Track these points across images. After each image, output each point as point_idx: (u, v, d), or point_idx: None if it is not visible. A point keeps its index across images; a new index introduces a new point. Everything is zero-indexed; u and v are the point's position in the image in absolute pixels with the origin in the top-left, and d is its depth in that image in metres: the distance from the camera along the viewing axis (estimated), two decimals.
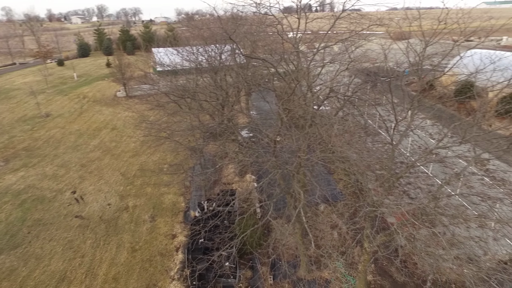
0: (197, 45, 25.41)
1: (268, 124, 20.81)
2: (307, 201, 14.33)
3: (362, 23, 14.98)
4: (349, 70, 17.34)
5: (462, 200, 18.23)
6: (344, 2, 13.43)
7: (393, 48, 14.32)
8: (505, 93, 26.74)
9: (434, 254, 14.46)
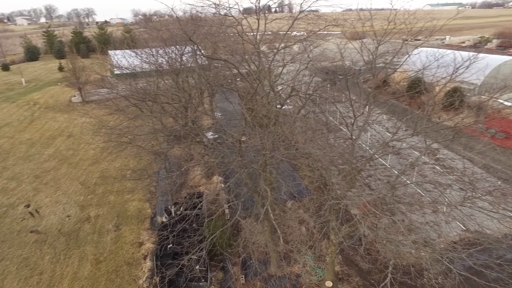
0: (156, 46, 24.80)
1: (233, 124, 20.86)
2: (274, 199, 14.56)
3: (319, 24, 15.53)
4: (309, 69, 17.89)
5: (417, 188, 19.54)
6: (301, 4, 13.87)
7: (349, 47, 15.02)
8: (449, 88, 29.00)
9: (394, 240, 15.34)
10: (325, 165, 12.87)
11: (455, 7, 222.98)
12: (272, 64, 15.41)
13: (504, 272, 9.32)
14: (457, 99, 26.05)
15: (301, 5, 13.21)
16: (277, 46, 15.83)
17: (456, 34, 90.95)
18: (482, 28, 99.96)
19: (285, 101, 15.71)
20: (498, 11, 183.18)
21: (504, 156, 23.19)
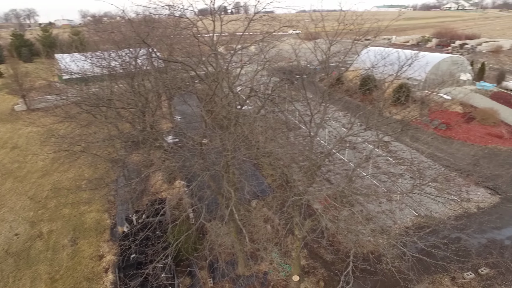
0: (108, 49, 23.70)
1: (193, 127, 20.57)
2: (238, 199, 14.63)
3: (274, 25, 15.86)
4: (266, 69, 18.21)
5: (372, 180, 20.69)
6: (255, 5, 14.07)
7: (303, 47, 15.55)
8: (396, 84, 31.10)
9: (354, 230, 16.12)
10: (287, 163, 13.21)
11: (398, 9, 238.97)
12: (230, 66, 15.46)
13: (449, 250, 10.22)
14: (403, 94, 28.00)
15: (255, 7, 13.42)
16: (234, 47, 15.93)
17: (401, 34, 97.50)
18: (423, 28, 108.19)
19: (244, 101, 15.83)
20: (436, 13, 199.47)
21: (446, 145, 25.37)
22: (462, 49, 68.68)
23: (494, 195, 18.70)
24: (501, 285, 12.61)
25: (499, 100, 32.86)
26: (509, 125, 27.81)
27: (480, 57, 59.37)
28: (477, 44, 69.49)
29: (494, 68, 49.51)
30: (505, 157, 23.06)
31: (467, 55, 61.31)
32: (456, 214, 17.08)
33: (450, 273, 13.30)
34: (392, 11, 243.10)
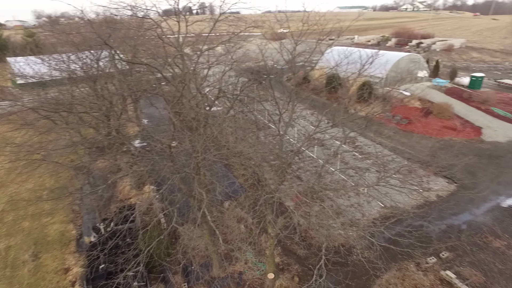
0: (67, 52, 22.55)
1: (161, 130, 20.11)
2: (210, 201, 14.54)
3: (240, 25, 15.92)
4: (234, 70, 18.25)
5: (341, 175, 21.39)
6: (220, 6, 14.05)
7: (269, 47, 15.75)
8: (360, 82, 32.35)
9: (325, 225, 16.57)
10: (257, 162, 13.32)
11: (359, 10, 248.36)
12: (197, 67, 15.31)
13: (413, 238, 10.82)
14: (367, 91, 29.20)
15: (220, 7, 13.40)
16: (201, 48, 15.80)
17: (363, 33, 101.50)
18: (382, 28, 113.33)
19: (213, 102, 15.76)
20: (393, 14, 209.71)
21: (407, 138, 26.79)
22: (418, 48, 72.77)
23: (451, 183, 20.04)
24: (459, 267, 13.56)
25: (453, 95, 35.25)
26: (462, 118, 29.91)
27: (434, 55, 63.27)
28: (432, 43, 73.97)
29: (447, 65, 52.99)
30: (459, 147, 24.76)
31: (423, 54, 65.08)
32: (418, 203, 18.07)
33: (415, 259, 14.08)
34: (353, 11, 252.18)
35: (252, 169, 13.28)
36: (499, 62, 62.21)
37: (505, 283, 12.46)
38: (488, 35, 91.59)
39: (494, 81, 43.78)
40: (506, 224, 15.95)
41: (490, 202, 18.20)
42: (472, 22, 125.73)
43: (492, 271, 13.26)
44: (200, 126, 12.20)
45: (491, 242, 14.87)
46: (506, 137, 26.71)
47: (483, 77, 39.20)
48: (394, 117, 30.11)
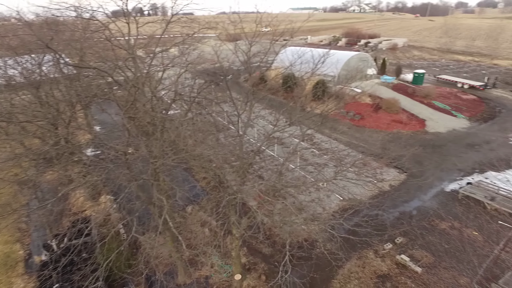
0: (3, 56, 20.64)
1: (115, 136, 19.18)
2: (172, 206, 14.19)
3: (193, 27, 15.69)
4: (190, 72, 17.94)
5: (301, 172, 21.94)
6: (172, 7, 13.73)
7: (224, 49, 15.71)
8: (314, 81, 33.46)
9: (289, 221, 16.91)
10: (218, 164, 13.24)
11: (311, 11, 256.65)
12: (150, 69, 14.84)
13: (370, 227, 11.44)
14: (321, 89, 30.32)
15: (172, 8, 13.11)
16: (154, 50, 15.33)
17: (315, 34, 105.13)
18: (333, 28, 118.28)
19: (169, 106, 15.39)
20: (343, 15, 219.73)
21: (360, 133, 28.25)
22: (366, 47, 77.02)
23: (401, 173, 21.50)
24: (412, 250, 14.62)
25: (399, 90, 37.83)
26: (408, 111, 32.23)
27: (381, 53, 67.38)
28: (378, 43, 78.72)
29: (393, 63, 56.75)
30: (406, 139, 26.65)
31: (371, 52, 68.99)
32: (373, 194, 19.14)
33: (373, 246, 14.90)
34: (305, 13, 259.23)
35: (213, 172, 13.18)
36: (437, 59, 67.98)
37: (450, 260, 13.66)
38: (426, 35, 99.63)
39: (433, 76, 47.73)
40: (449, 207, 17.49)
41: (435, 188, 19.83)
42: (412, 23, 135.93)
43: (439, 251, 14.46)
44: (157, 131, 11.85)
45: (438, 225, 16.21)
46: (446, 128, 29.27)
47: (424, 73, 42.55)
48: (347, 113, 31.60)
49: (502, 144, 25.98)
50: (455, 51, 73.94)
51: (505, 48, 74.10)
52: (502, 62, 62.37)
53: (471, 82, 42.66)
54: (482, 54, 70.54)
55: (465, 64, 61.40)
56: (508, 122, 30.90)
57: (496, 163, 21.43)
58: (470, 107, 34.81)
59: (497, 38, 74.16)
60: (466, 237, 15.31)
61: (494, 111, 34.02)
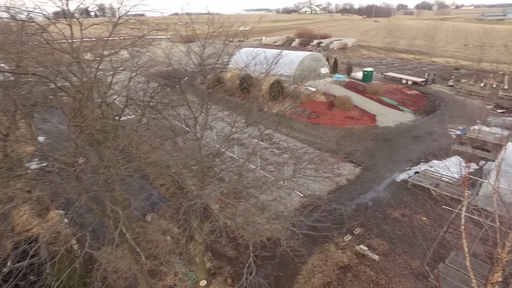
0: None
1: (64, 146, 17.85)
2: (128, 217, 13.56)
3: (143, 29, 15.12)
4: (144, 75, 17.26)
5: (262, 171, 22.10)
6: (119, 8, 13.10)
7: (177, 51, 15.33)
8: (270, 81, 33.97)
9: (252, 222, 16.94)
10: (177, 169, 12.89)
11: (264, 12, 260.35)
12: (98, 74, 14.03)
13: (329, 221, 11.83)
14: (277, 89, 30.86)
15: (118, 10, 12.49)
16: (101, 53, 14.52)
17: (270, 35, 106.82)
18: (287, 29, 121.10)
19: (122, 111, 14.69)
20: (295, 16, 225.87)
21: (316, 130, 29.21)
22: (319, 47, 79.91)
23: (356, 167, 22.55)
24: (369, 239, 15.40)
25: (351, 88, 39.71)
26: (359, 108, 33.95)
27: (333, 53, 70.30)
28: (330, 43, 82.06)
29: (344, 62, 59.49)
30: (359, 134, 28.07)
31: (323, 52, 71.67)
32: (331, 189, 19.85)
33: (333, 239, 15.44)
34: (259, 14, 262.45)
35: (172, 177, 12.81)
36: (383, 58, 72.51)
37: (403, 246, 14.61)
38: (373, 35, 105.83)
39: (381, 74, 50.81)
40: (400, 196, 18.72)
41: (387, 179, 21.09)
42: (359, 23, 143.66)
43: (394, 238, 15.39)
44: (109, 138, 11.21)
45: (391, 214, 17.26)
46: (394, 122, 31.31)
47: (372, 71, 45.14)
48: (304, 112, 32.49)
49: (442, 134, 28.38)
50: (398, 49, 79.41)
51: (440, 47, 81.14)
52: (439, 60, 68.23)
53: (414, 78, 46.08)
54: (422, 52, 76.56)
55: (408, 62, 66.19)
56: (446, 115, 33.84)
57: (438, 153, 23.35)
58: (414, 101, 37.57)
59: (433, 38, 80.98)
60: (416, 223, 16.46)
61: (435, 105, 37.07)
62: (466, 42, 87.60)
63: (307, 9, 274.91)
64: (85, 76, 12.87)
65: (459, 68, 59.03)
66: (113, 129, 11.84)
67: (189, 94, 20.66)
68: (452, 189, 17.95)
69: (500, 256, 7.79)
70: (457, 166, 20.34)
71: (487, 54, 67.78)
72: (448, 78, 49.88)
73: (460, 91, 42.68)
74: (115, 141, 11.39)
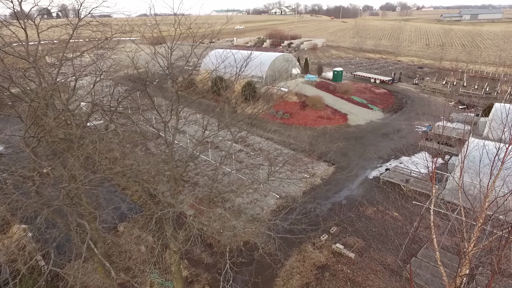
0: None
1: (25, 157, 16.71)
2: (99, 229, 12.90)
3: (106, 31, 14.47)
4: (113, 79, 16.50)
5: (238, 174, 21.91)
6: (78, 10, 12.41)
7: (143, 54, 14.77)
8: (243, 83, 33.82)
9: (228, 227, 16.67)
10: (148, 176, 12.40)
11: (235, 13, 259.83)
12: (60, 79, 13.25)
13: (306, 223, 11.83)
14: (250, 91, 30.75)
15: (78, 12, 11.82)
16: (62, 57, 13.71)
17: (241, 36, 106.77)
18: (258, 30, 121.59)
19: (87, 118, 13.97)
20: (265, 17, 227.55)
21: (290, 131, 29.33)
22: (290, 48, 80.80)
23: (330, 166, 22.89)
24: (345, 238, 15.61)
25: (322, 88, 40.38)
26: (331, 107, 34.58)
27: (303, 53, 71.36)
28: (300, 43, 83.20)
29: (315, 62, 60.53)
30: (331, 133, 28.56)
31: (294, 53, 72.58)
32: (307, 189, 19.99)
33: (311, 240, 15.49)
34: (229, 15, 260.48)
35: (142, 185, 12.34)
36: (352, 57, 74.56)
37: (378, 243, 14.94)
38: (341, 35, 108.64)
39: (351, 73, 52.16)
40: (373, 193, 19.18)
41: (360, 176, 21.57)
42: (328, 24, 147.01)
43: (368, 235, 15.72)
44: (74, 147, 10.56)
45: (365, 211, 17.63)
46: (365, 120, 32.18)
47: (342, 71, 46.21)
48: (277, 113, 32.61)
49: (410, 131, 29.52)
50: (366, 49, 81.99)
51: (405, 47, 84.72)
52: (404, 59, 71.17)
53: (382, 77, 47.69)
54: (388, 52, 79.53)
55: (375, 61, 68.48)
56: (412, 112, 35.27)
57: (406, 149, 24.23)
58: (383, 100, 38.85)
59: (398, 38, 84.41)
60: (388, 219, 16.90)
61: (402, 102, 38.53)
62: (427, 42, 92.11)
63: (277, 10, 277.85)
64: (44, 82, 12.08)
65: (422, 67, 61.86)
66: (77, 137, 11.19)
67: (160, 97, 20.08)
68: (421, 184, 18.63)
69: (467, 250, 8.09)
70: (425, 161, 21.25)
71: (447, 53, 71.58)
72: (413, 77, 52.11)
73: (425, 89, 44.67)
74: (79, 151, 10.75)
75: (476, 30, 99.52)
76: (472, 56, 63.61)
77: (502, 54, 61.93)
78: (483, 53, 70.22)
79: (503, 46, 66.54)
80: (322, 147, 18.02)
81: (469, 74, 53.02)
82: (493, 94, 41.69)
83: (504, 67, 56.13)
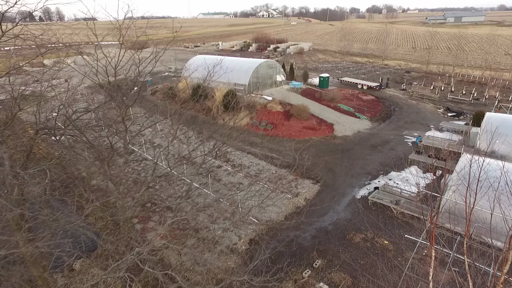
0: None
1: None
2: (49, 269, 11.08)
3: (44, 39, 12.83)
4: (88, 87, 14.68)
5: (214, 195, 20.03)
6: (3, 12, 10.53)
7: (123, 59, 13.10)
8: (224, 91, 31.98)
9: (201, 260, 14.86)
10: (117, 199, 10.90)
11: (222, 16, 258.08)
12: None
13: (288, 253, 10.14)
14: (232, 100, 28.95)
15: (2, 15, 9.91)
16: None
17: (227, 39, 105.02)
18: (244, 34, 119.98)
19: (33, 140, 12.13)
20: (252, 20, 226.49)
21: (274, 143, 27.60)
22: (276, 52, 79.49)
23: (315, 183, 21.25)
24: (331, 273, 13.90)
25: (307, 95, 38.89)
26: (317, 117, 33.07)
27: (289, 58, 70.07)
28: (286, 47, 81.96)
29: (301, 68, 59.17)
30: (317, 145, 26.98)
31: (280, 57, 71.24)
32: (289, 212, 18.26)
33: (292, 276, 13.74)
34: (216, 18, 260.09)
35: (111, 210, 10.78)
36: (339, 61, 73.62)
37: (367, 277, 13.29)
38: (328, 39, 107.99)
39: (337, 79, 50.94)
40: (361, 216, 17.58)
41: (347, 196, 19.98)
42: (315, 27, 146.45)
43: (356, 269, 14.05)
44: None
45: (352, 238, 16.00)
46: (352, 130, 30.75)
47: (328, 77, 44.87)
48: (260, 124, 30.91)
49: (399, 142, 28.21)
50: (353, 53, 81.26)
51: (391, 50, 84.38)
52: (391, 63, 70.59)
53: (369, 83, 46.57)
54: (375, 56, 78.94)
55: (362, 65, 67.60)
56: (401, 120, 34.08)
57: (396, 163, 22.83)
58: (370, 107, 37.61)
59: (384, 41, 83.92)
60: (378, 247, 15.35)
61: (390, 110, 37.35)
62: (414, 45, 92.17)
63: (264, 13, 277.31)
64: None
65: (410, 71, 61.24)
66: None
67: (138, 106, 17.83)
68: (413, 206, 17.17)
69: None
70: (415, 177, 19.84)
71: (433, 56, 71.34)
72: (401, 82, 51.24)
73: (413, 95, 43.73)
74: None
75: (461, 33, 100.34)
76: (458, 59, 63.40)
77: (488, 57, 61.84)
78: (468, 56, 70.28)
79: (488, 49, 66.54)
80: (307, 162, 16.27)
81: (456, 78, 52.53)
82: (481, 99, 41.00)
83: (490, 70, 55.96)
